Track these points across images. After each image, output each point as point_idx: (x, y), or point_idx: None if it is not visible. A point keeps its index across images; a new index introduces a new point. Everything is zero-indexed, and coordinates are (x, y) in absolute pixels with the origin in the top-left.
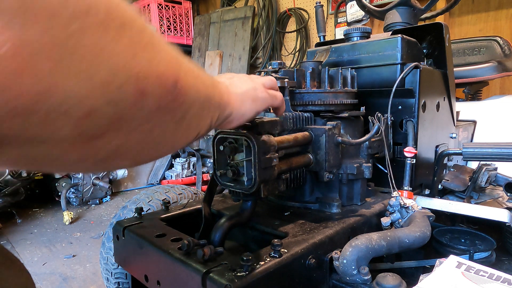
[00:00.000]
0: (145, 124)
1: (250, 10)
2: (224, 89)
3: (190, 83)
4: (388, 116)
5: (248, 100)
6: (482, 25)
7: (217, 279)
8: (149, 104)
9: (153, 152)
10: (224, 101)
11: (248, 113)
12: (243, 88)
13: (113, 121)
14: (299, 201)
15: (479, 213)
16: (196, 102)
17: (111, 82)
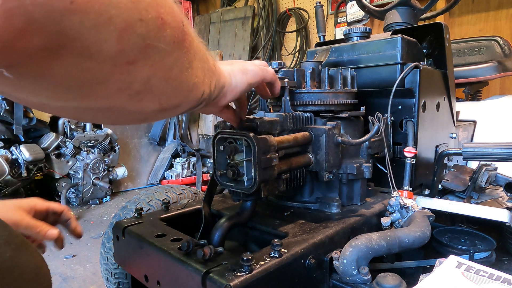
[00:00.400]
0: (166, 57)
1: (250, 10)
2: (215, 62)
3: (192, 32)
4: (388, 116)
5: (238, 72)
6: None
7: (217, 279)
8: (168, 34)
9: (173, 95)
10: (217, 71)
11: (240, 84)
12: (230, 63)
13: (145, 45)
14: (299, 201)
15: (479, 213)
16: (197, 54)
17: (140, 1)
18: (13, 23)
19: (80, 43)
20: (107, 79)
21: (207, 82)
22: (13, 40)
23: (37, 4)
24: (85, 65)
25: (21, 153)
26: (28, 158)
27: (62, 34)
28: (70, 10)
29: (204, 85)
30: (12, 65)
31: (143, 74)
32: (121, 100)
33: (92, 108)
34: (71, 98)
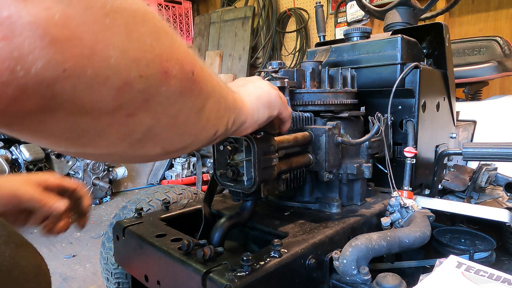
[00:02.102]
0: (170, 107)
1: (250, 10)
2: (238, 96)
3: (205, 77)
4: (388, 116)
5: (262, 105)
6: (482, 25)
7: (217, 279)
8: (172, 86)
9: (178, 140)
10: (239, 106)
11: (261, 119)
12: (257, 93)
13: (144, 99)
14: (299, 201)
15: (479, 213)
16: (212, 96)
17: (141, 58)
18: (7, 93)
19: (73, 103)
20: (105, 131)
21: (224, 121)
22: (7, 106)
23: (29, 75)
24: (81, 121)
25: (21, 153)
26: (28, 158)
27: (55, 97)
28: (63, 77)
29: (218, 125)
30: (8, 125)
31: (143, 124)
32: (122, 148)
33: (94, 154)
34: (70, 146)
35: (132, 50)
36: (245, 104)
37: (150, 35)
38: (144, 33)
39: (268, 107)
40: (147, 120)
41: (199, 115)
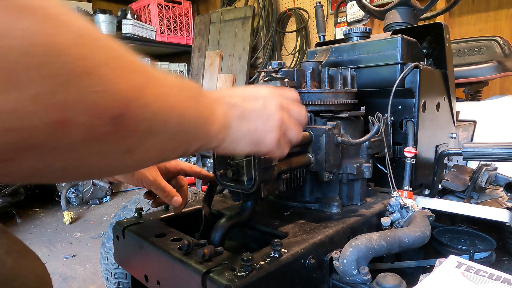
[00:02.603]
0: (68, 153)
1: (250, 10)
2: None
3: (150, 114)
4: (388, 116)
5: (248, 142)
6: (482, 25)
7: (217, 279)
8: (72, 135)
9: (96, 174)
10: (212, 135)
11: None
12: (252, 126)
13: (21, 148)
14: (299, 201)
15: (479, 213)
16: (158, 133)
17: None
18: None
19: None
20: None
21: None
22: None
23: None
24: None
25: None
26: None
27: None
28: None
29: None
30: None
31: (25, 168)
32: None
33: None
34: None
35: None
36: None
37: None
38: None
39: (256, 146)
40: (28, 164)
41: (127, 154)
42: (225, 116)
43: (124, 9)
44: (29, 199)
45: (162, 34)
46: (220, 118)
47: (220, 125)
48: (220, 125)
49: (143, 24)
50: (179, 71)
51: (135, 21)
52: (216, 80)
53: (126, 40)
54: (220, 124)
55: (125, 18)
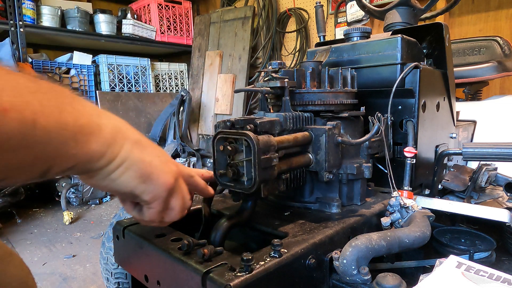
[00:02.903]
0: None
1: (250, 10)
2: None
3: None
4: (388, 116)
5: (137, 173)
6: (482, 25)
7: (217, 279)
8: None
9: None
10: (92, 152)
11: (118, 185)
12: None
13: None
14: (299, 201)
15: (479, 213)
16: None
17: None
18: None
19: None
20: None
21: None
22: None
23: None
24: None
25: None
26: None
27: None
28: None
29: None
30: None
31: None
32: None
33: None
34: None
35: None
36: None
37: None
38: None
39: (143, 180)
40: None
41: None
42: (115, 132)
43: (124, 9)
44: (29, 199)
45: (162, 34)
46: (107, 133)
47: (106, 141)
48: (106, 142)
49: (143, 24)
50: (179, 71)
51: (135, 21)
52: (216, 80)
53: (126, 40)
54: (106, 140)
55: (125, 18)
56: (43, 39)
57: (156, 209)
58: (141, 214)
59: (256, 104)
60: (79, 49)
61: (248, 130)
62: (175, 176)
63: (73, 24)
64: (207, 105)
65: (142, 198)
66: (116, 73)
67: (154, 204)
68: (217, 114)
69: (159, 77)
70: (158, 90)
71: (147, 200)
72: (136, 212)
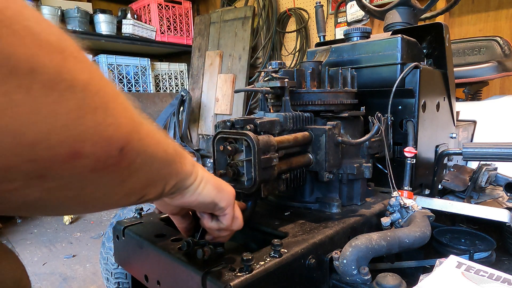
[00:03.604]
0: (72, 184)
1: (250, 10)
2: (190, 161)
3: (144, 148)
4: (388, 116)
5: (213, 186)
6: (482, 25)
7: (217, 279)
8: (82, 166)
9: (82, 208)
10: (186, 171)
11: (203, 197)
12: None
13: (32, 177)
14: (299, 201)
15: (479, 213)
16: (146, 165)
17: (40, 142)
18: None
19: None
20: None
21: (158, 188)
22: None
23: None
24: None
25: None
26: None
27: None
28: None
29: (146, 192)
30: None
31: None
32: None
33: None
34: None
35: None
36: (195, 173)
37: (68, 114)
38: (59, 112)
39: (219, 192)
40: (32, 195)
41: (119, 186)
42: (191, 160)
43: (124, 9)
44: None
45: (162, 34)
46: (189, 158)
47: (191, 163)
48: (192, 163)
49: (143, 24)
50: (179, 71)
51: (135, 21)
52: (216, 80)
53: (126, 40)
54: (191, 162)
55: (125, 18)
56: None
57: (230, 214)
58: (219, 222)
59: (256, 104)
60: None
61: (248, 130)
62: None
63: (73, 24)
64: (207, 105)
65: (220, 205)
66: (116, 73)
67: (228, 210)
68: (217, 114)
69: (159, 77)
70: (158, 90)
71: (224, 207)
72: (215, 223)
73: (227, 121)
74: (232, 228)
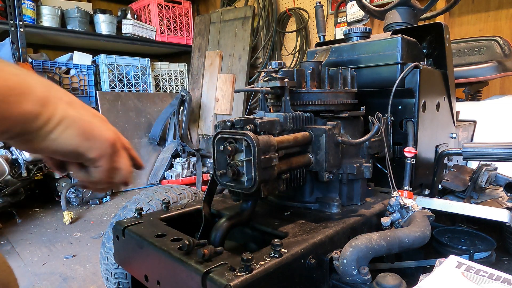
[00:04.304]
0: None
1: (250, 10)
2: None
3: None
4: (388, 116)
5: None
6: (482, 25)
7: (217, 279)
8: None
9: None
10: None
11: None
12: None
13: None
14: (299, 201)
15: (479, 213)
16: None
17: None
18: None
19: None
20: None
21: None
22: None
23: None
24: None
25: (21, 153)
26: (28, 158)
27: None
28: None
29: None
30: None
31: None
32: None
33: None
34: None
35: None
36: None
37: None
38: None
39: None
40: None
41: None
42: (47, 91)
43: (124, 9)
44: (29, 199)
45: (162, 34)
46: (39, 91)
47: (39, 100)
48: (40, 101)
49: (143, 24)
50: (179, 71)
51: (135, 21)
52: (216, 80)
53: (126, 40)
54: (39, 100)
55: (125, 18)
56: (43, 39)
57: (104, 167)
58: (89, 175)
59: (256, 104)
60: (79, 49)
61: (248, 130)
62: (116, 134)
63: (73, 24)
64: (207, 105)
65: (88, 156)
66: (116, 73)
67: (101, 162)
68: (217, 114)
69: (159, 77)
70: (158, 90)
71: (94, 158)
72: (83, 174)
73: (227, 121)
74: (110, 181)
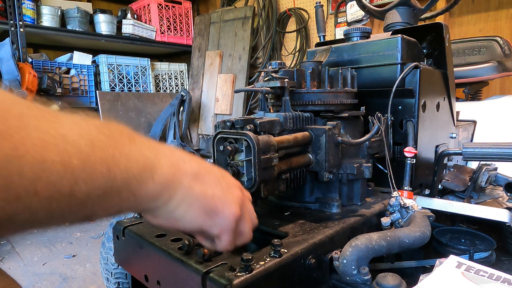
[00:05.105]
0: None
1: (250, 10)
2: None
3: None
4: (388, 116)
5: (201, 209)
6: (482, 25)
7: (217, 279)
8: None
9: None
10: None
11: (184, 223)
12: (208, 190)
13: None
14: (299, 201)
15: (479, 213)
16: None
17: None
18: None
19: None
20: None
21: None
22: None
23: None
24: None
25: None
26: None
27: None
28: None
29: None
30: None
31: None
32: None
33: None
34: None
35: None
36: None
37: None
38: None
39: (209, 216)
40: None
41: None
42: (173, 169)
43: (124, 9)
44: None
45: (162, 34)
46: (163, 174)
47: (164, 181)
48: (165, 182)
49: (143, 24)
50: (179, 71)
51: (135, 21)
52: (216, 80)
53: (126, 40)
54: (164, 180)
55: (125, 18)
56: (43, 39)
57: (227, 240)
58: (215, 245)
59: (256, 104)
60: (79, 49)
61: (248, 130)
62: (239, 203)
63: (73, 24)
64: (207, 105)
65: (212, 232)
66: (116, 73)
67: (224, 236)
68: (217, 114)
69: (159, 77)
70: (158, 90)
71: (217, 234)
72: (210, 243)
73: (227, 121)
74: (231, 248)
